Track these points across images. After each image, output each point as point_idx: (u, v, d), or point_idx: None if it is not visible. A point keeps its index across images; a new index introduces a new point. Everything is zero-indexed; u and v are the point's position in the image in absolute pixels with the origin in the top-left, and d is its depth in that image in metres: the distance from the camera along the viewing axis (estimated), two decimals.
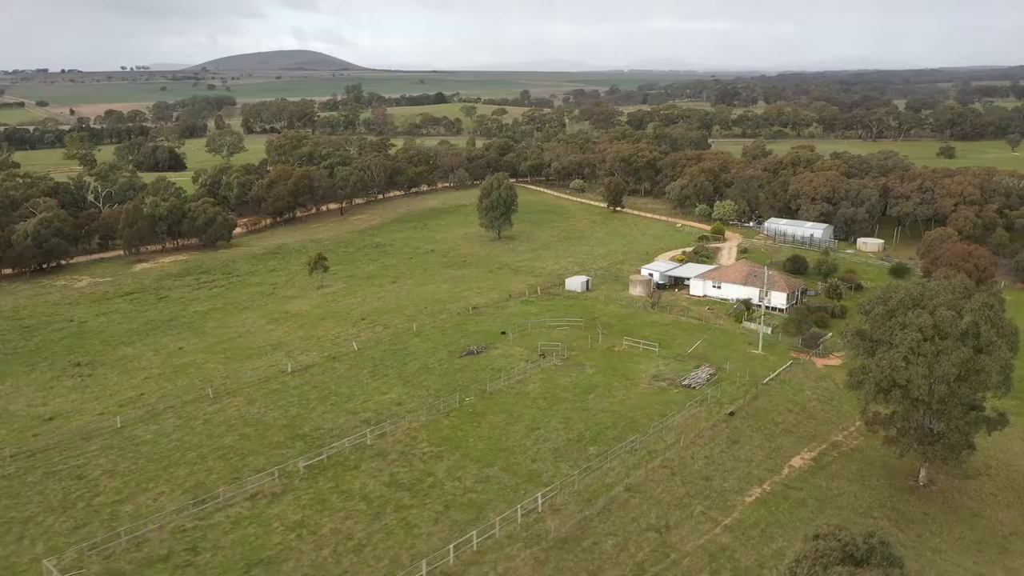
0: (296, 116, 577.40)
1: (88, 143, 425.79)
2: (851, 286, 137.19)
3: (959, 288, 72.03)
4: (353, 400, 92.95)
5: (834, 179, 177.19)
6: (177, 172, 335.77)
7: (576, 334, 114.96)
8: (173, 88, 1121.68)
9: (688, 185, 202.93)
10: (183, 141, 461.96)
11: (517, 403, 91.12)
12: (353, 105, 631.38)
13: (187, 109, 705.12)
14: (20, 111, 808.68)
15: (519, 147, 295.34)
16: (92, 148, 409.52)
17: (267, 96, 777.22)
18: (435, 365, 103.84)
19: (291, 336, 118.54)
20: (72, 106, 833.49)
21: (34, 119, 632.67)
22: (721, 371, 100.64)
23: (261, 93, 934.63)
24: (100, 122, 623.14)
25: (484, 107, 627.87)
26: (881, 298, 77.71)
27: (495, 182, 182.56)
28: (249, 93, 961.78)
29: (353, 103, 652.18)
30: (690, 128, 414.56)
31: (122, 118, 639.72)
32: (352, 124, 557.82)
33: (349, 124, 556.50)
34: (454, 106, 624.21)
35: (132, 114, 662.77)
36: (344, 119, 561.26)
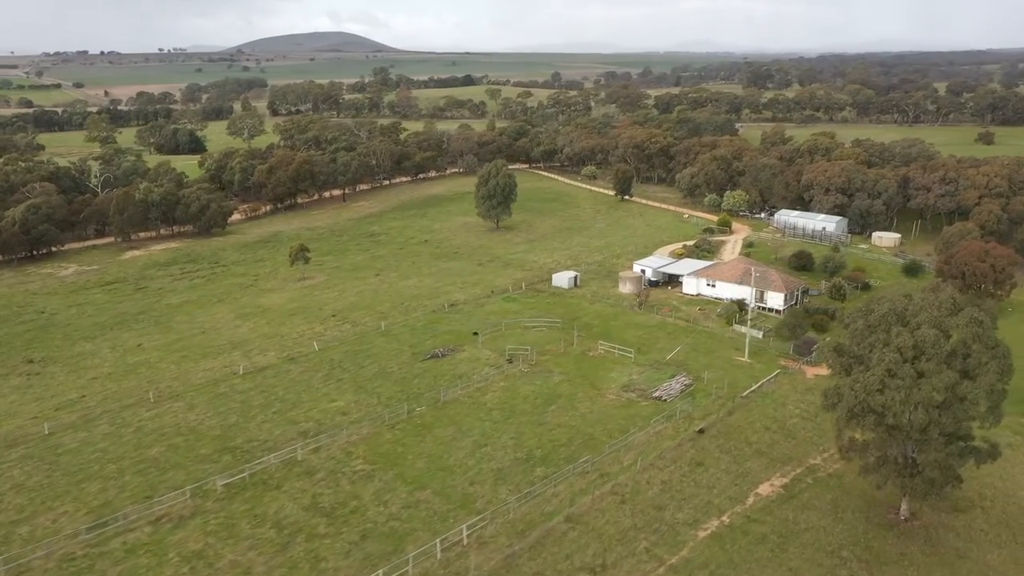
0: (321, 98, 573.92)
1: (110, 125, 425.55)
2: (857, 285, 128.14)
3: (946, 303, 63.62)
4: (297, 408, 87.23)
5: (850, 169, 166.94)
6: (196, 155, 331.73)
7: (552, 336, 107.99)
8: (208, 70, 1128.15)
9: (699, 174, 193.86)
10: (205, 124, 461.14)
11: (470, 415, 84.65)
12: (378, 87, 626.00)
13: (216, 91, 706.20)
14: (57, 92, 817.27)
15: (533, 131, 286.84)
16: (113, 130, 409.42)
17: (300, 78, 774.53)
18: (394, 369, 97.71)
19: (255, 334, 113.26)
20: (107, 87, 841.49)
21: (67, 100, 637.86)
22: (698, 381, 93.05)
23: (294, 75, 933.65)
24: (131, 103, 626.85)
25: (510, 89, 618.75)
26: (863, 310, 69.63)
27: (493, 169, 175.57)
28: (282, 75, 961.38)
29: (378, 85, 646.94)
30: (717, 112, 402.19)
31: (152, 99, 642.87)
32: (376, 107, 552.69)
33: (373, 107, 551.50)
34: (479, 88, 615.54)
35: (162, 96, 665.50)
36: (369, 101, 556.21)
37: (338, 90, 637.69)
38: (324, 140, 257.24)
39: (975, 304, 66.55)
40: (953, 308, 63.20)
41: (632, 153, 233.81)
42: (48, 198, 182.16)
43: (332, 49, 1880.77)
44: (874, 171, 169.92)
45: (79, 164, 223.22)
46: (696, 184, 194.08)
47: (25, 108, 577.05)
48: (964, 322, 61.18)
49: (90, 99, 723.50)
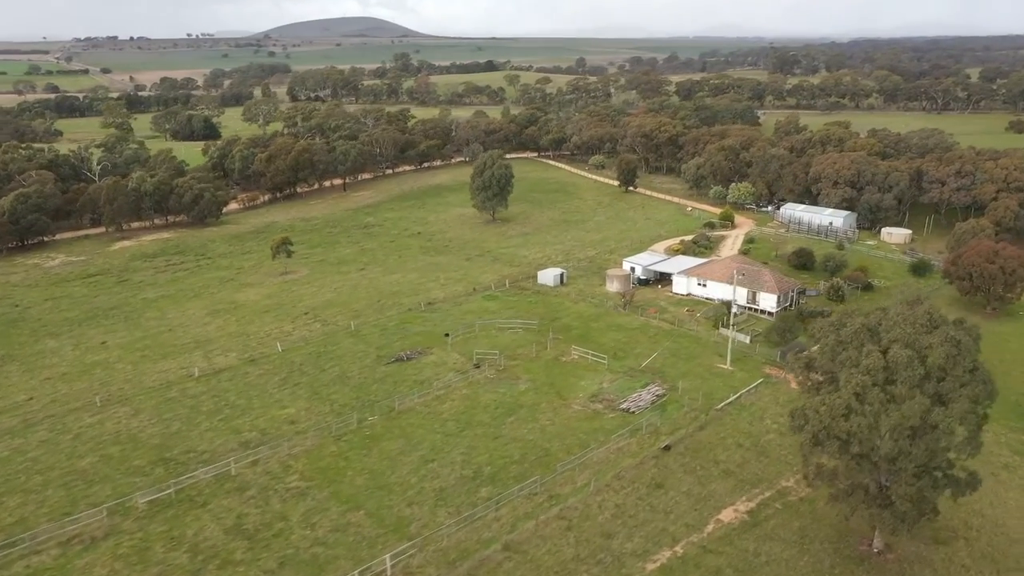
0: (340, 84, 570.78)
1: (126, 111, 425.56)
2: (858, 286, 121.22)
3: (921, 319, 57.42)
4: (246, 415, 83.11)
5: (860, 161, 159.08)
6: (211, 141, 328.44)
7: (526, 339, 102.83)
8: (234, 55, 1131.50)
9: (705, 164, 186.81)
10: (222, 110, 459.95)
11: (423, 426, 79.93)
12: (397, 73, 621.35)
13: (237, 76, 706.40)
14: (84, 78, 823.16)
15: (543, 119, 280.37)
16: (129, 116, 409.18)
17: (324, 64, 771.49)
18: (355, 373, 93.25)
19: (222, 332, 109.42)
20: (133, 73, 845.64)
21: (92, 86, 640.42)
22: (673, 391, 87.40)
23: (319, 60, 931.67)
24: (154, 89, 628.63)
25: (530, 75, 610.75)
26: (834, 324, 63.58)
27: (488, 160, 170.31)
28: (307, 60, 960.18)
29: (398, 71, 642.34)
30: (738, 99, 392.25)
31: (174, 85, 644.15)
32: (395, 93, 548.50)
33: (392, 93, 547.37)
34: (498, 75, 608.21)
35: (184, 81, 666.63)
36: (387, 87, 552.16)
37: (359, 76, 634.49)
38: (328, 128, 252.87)
39: (957, 320, 60.21)
40: (929, 325, 57.02)
41: (640, 142, 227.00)
42: (41, 187, 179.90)
43: (359, 34, 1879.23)
44: (886, 163, 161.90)
45: (79, 152, 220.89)
46: (702, 175, 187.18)
47: (51, 94, 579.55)
48: (939, 341, 55.02)
49: (116, 85, 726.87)
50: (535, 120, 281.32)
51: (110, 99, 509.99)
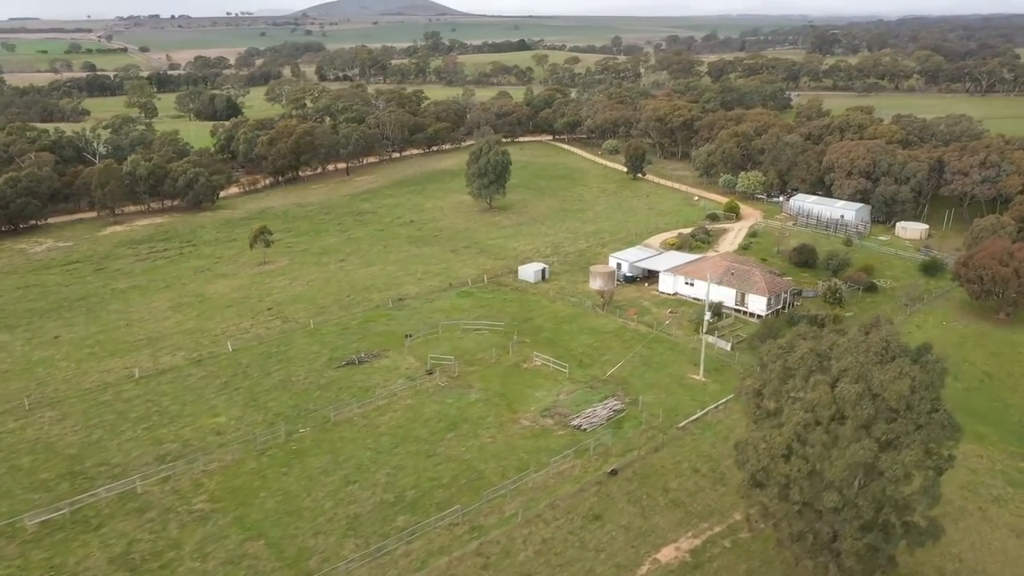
0: (368, 64, 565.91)
1: (151, 90, 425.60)
2: (859, 287, 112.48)
3: (876, 348, 49.78)
4: (174, 424, 78.28)
5: (876, 150, 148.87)
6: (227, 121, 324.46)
7: (490, 341, 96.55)
8: (271, 34, 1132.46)
9: (716, 151, 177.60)
10: (247, 89, 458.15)
11: (356, 440, 74.32)
12: (425, 53, 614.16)
13: (269, 56, 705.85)
14: (122, 56, 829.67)
15: (558, 102, 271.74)
16: (153, 96, 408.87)
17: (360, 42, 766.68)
18: (301, 378, 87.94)
19: (179, 328, 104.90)
20: (171, 52, 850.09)
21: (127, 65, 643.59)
22: (633, 405, 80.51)
23: (354, 39, 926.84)
24: (189, 67, 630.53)
25: (559, 55, 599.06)
26: (783, 348, 56.23)
27: (484, 146, 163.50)
28: (343, 39, 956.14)
29: (426, 51, 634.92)
30: (769, 80, 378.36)
31: (207, 64, 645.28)
32: (423, 72, 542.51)
33: (420, 72, 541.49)
34: (527, 54, 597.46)
35: (216, 60, 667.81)
36: (415, 67, 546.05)
37: (389, 55, 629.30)
38: (336, 110, 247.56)
39: (922, 347, 52.41)
40: (884, 356, 49.38)
41: (654, 126, 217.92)
42: (35, 170, 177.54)
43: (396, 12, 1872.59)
44: (904, 152, 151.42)
45: (82, 134, 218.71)
46: (712, 163, 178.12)
47: (87, 72, 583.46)
48: (892, 377, 47.46)
49: (153, 63, 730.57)
50: (551, 102, 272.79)
51: (140, 78, 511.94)
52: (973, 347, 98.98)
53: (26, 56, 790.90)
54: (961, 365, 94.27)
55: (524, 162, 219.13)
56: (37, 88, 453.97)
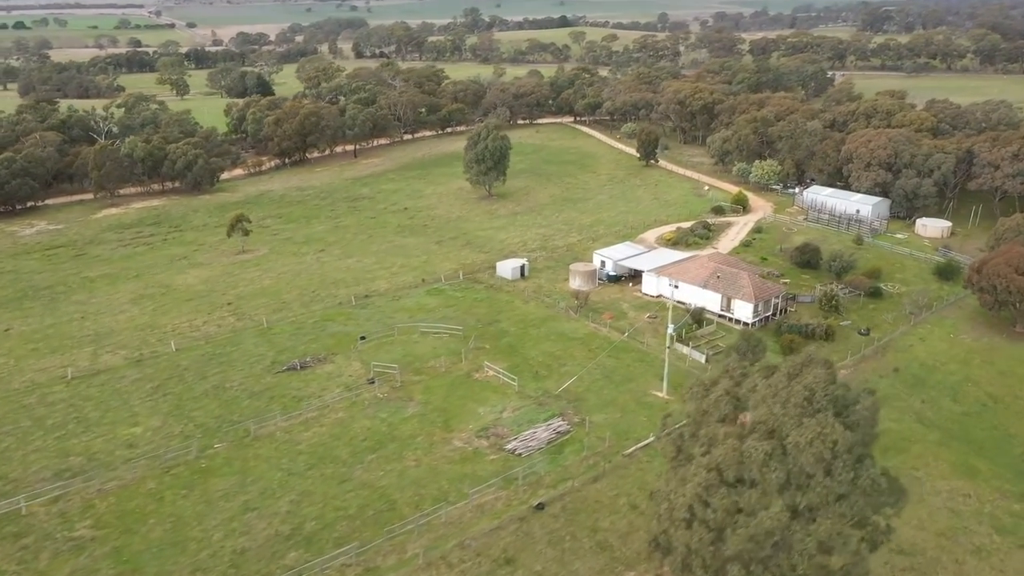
0: (404, 41, 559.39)
1: (182, 67, 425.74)
2: (860, 293, 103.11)
3: (798, 398, 41.94)
4: (88, 433, 73.72)
5: (898, 139, 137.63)
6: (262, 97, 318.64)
7: (447, 347, 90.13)
8: (317, 9, 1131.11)
9: (731, 138, 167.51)
10: (280, 67, 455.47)
11: (271, 459, 68.78)
12: (461, 30, 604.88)
13: (308, 32, 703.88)
14: (169, 32, 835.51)
15: (578, 82, 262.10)
16: (184, 72, 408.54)
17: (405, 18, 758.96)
18: (235, 384, 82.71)
19: (131, 324, 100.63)
20: (215, 27, 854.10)
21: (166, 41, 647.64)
22: (581, 427, 73.46)
23: (400, 14, 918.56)
24: (231, 43, 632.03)
25: (596, 32, 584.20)
26: (704, 386, 48.74)
27: (483, 131, 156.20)
28: (388, 14, 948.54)
29: (462, 28, 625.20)
30: (813, 60, 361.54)
31: (247, 40, 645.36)
32: (459, 50, 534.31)
33: (455, 49, 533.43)
34: (563, 32, 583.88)
35: (257, 36, 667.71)
36: (451, 44, 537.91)
37: (428, 31, 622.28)
38: (348, 90, 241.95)
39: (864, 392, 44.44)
40: (806, 407, 41.56)
41: (674, 110, 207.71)
42: (36, 150, 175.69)
43: None
44: (931, 142, 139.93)
45: (92, 112, 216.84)
46: (727, 150, 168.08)
47: (132, 48, 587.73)
48: (808, 438, 39.73)
49: (196, 39, 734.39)
50: (572, 82, 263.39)
51: (175, 55, 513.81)
52: (980, 364, 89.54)
53: (76, 32, 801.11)
54: (963, 385, 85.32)
55: (537, 145, 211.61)
56: (77, 64, 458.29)
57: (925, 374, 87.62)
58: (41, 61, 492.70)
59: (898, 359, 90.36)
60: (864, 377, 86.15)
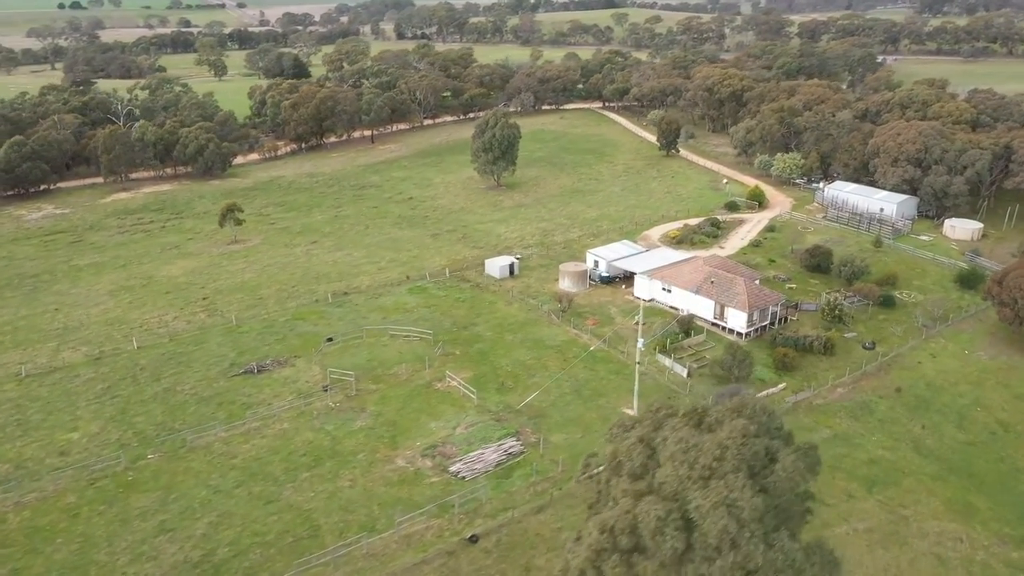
0: (445, 22, 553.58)
1: (219, 49, 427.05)
2: (870, 301, 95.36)
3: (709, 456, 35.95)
4: (25, 437, 70.93)
5: (929, 132, 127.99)
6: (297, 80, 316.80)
7: (415, 351, 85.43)
8: None
9: (755, 128, 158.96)
10: (319, 48, 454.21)
11: (202, 473, 64.99)
12: (502, 10, 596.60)
13: (352, 12, 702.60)
14: (218, 12, 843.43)
15: (607, 67, 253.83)
16: (221, 54, 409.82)
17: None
18: (187, 387, 79.22)
19: (102, 317, 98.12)
20: (266, 8, 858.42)
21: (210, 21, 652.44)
22: (535, 447, 68.15)
23: None
24: (278, 24, 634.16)
25: (642, 13, 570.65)
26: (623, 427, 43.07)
27: (492, 119, 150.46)
28: None
29: (504, 9, 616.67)
30: (861, 44, 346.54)
31: (292, 20, 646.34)
32: (499, 31, 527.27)
33: (496, 31, 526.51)
34: (607, 13, 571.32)
35: (302, 16, 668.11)
36: (492, 25, 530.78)
37: (472, 11, 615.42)
38: (371, 73, 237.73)
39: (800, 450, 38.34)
40: (716, 466, 35.66)
41: (702, 97, 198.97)
42: (52, 132, 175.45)
43: None
44: (965, 137, 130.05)
45: (111, 95, 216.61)
46: (751, 141, 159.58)
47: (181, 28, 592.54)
48: (711, 504, 33.91)
49: (244, 19, 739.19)
50: (601, 67, 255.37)
51: (217, 35, 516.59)
52: (994, 386, 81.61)
53: (130, 11, 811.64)
54: (971, 410, 77.64)
55: (558, 132, 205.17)
56: (122, 45, 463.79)
57: (931, 395, 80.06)
58: (90, 41, 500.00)
59: (902, 377, 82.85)
60: (862, 397, 79.33)
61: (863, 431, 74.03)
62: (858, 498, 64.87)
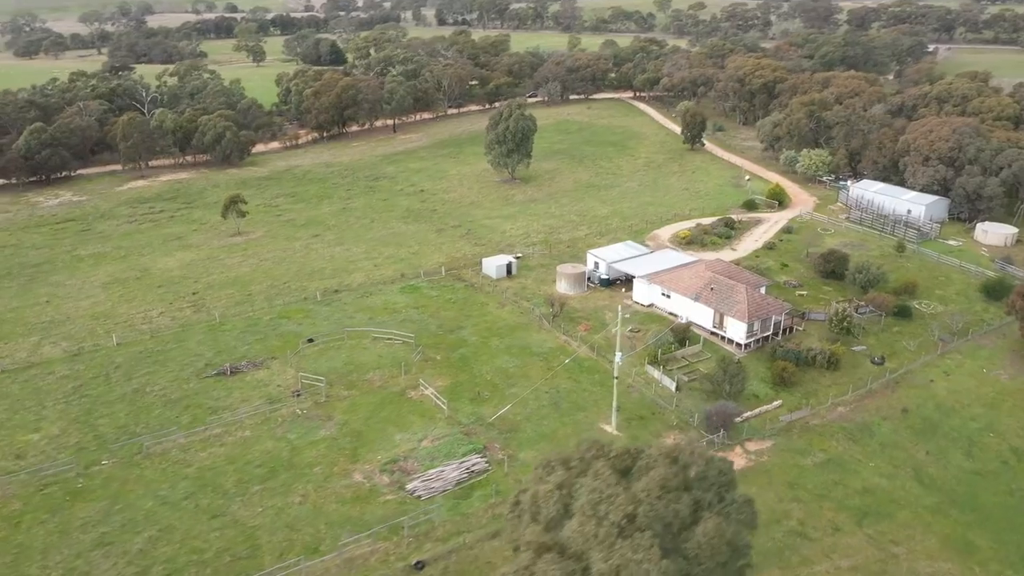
0: (486, 8, 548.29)
1: (258, 35, 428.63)
2: (882, 313, 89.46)
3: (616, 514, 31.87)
4: None
5: (964, 130, 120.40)
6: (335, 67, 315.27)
7: (396, 356, 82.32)
8: None
9: (783, 122, 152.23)
10: (358, 34, 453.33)
11: (152, 483, 62.84)
12: None
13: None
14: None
15: (639, 56, 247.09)
16: (260, 40, 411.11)
17: None
18: (158, 388, 77.30)
19: (92, 310, 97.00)
20: None
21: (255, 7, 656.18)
22: (499, 466, 64.55)
23: None
24: (322, 9, 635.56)
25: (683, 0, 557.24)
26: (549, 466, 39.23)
27: (506, 111, 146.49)
28: None
29: None
30: (911, 32, 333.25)
31: (336, 6, 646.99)
32: (540, 17, 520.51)
33: (537, 17, 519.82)
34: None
35: (346, 2, 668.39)
36: (532, 11, 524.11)
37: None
38: (397, 61, 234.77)
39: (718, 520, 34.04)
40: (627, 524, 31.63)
41: (733, 88, 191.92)
42: (71, 120, 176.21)
43: None
44: (1004, 135, 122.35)
45: (139, 81, 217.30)
46: (778, 135, 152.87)
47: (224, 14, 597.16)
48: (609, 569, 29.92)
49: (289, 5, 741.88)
50: (637, 54, 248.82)
51: (259, 20, 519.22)
52: (1010, 409, 75.65)
53: None
54: (982, 435, 72.00)
55: (582, 123, 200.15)
56: (166, 30, 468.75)
57: (940, 418, 74.44)
58: (137, 27, 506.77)
59: (911, 397, 77.31)
60: (864, 417, 74.14)
61: (860, 455, 68.96)
62: (845, 531, 60.06)
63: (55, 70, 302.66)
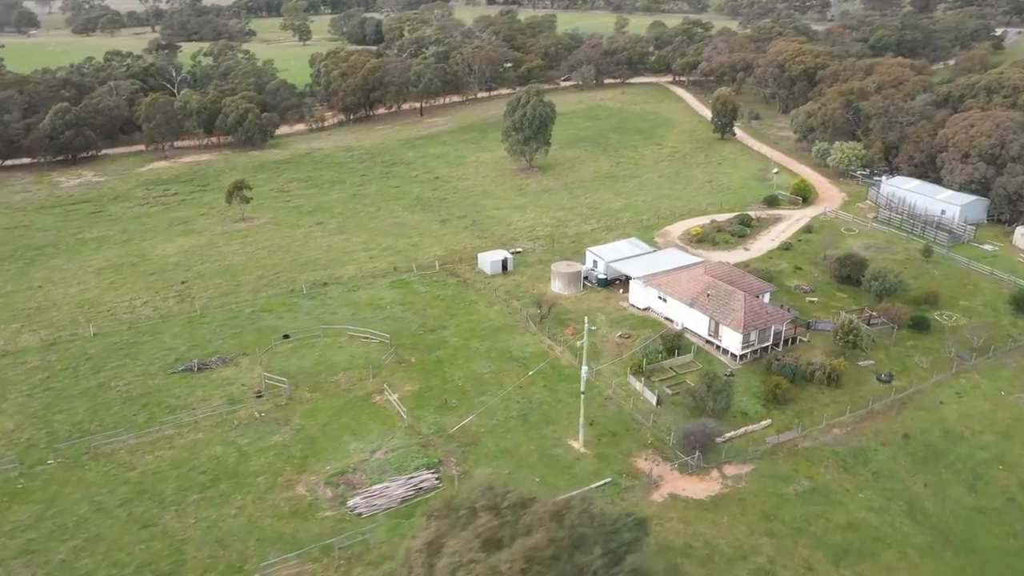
0: None
1: (305, 14, 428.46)
2: (893, 325, 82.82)
3: None
4: None
5: (1008, 125, 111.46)
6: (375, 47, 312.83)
7: (367, 356, 79.20)
8: None
9: (817, 112, 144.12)
10: (404, 13, 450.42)
11: (93, 487, 60.88)
12: None
13: None
14: None
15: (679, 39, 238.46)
16: (307, 18, 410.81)
17: None
18: (124, 383, 75.53)
19: (79, 297, 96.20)
20: None
21: None
22: (450, 483, 60.80)
23: None
24: None
25: None
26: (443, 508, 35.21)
27: (524, 97, 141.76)
28: None
29: None
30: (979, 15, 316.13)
31: None
32: None
33: None
34: None
35: None
36: None
37: None
38: (429, 42, 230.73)
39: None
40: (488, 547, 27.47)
41: (772, 74, 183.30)
42: (99, 100, 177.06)
43: None
44: None
45: (166, 62, 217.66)
46: (812, 126, 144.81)
47: None
48: None
49: None
50: (679, 35, 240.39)
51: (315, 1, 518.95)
52: None
53: None
54: (990, 467, 65.59)
55: (614, 109, 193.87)
56: (217, 8, 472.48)
57: (945, 446, 68.15)
58: (192, 4, 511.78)
59: (915, 420, 71.06)
60: (860, 442, 68.34)
61: (850, 485, 63.35)
62: (819, 572, 54.83)
63: (107, 47, 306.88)
